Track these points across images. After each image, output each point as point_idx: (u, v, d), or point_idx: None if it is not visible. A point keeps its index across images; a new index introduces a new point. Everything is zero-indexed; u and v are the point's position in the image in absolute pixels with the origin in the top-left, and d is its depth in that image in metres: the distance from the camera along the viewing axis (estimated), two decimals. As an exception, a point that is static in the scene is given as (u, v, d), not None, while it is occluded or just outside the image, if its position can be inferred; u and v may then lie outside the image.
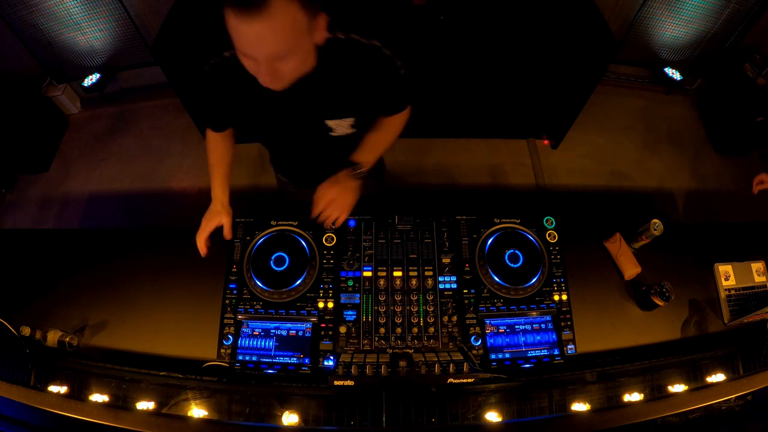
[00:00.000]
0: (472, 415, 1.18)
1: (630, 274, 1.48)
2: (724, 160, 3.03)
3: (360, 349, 1.27)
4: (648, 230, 1.46)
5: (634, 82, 3.30)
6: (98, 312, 1.41)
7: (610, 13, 2.84)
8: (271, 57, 0.88)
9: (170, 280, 1.45)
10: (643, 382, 1.29)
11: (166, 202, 2.82)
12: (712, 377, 1.30)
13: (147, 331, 1.38)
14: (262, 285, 1.33)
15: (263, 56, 0.88)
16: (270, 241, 1.40)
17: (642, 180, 2.93)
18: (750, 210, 2.84)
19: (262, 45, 0.85)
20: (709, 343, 1.40)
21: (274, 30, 0.82)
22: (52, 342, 1.29)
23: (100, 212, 2.79)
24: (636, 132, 3.15)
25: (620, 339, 1.40)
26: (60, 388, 1.22)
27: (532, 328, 1.31)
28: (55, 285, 1.47)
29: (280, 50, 0.87)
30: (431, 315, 1.31)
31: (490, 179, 2.92)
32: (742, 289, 1.50)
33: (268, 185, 2.87)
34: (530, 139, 3.07)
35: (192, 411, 1.18)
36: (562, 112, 2.78)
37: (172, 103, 3.11)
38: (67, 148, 3.08)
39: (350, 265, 1.38)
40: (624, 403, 1.22)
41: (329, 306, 1.32)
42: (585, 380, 1.28)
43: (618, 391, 1.26)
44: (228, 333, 1.28)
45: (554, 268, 1.40)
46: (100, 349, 1.36)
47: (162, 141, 3.08)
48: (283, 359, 1.25)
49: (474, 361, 1.25)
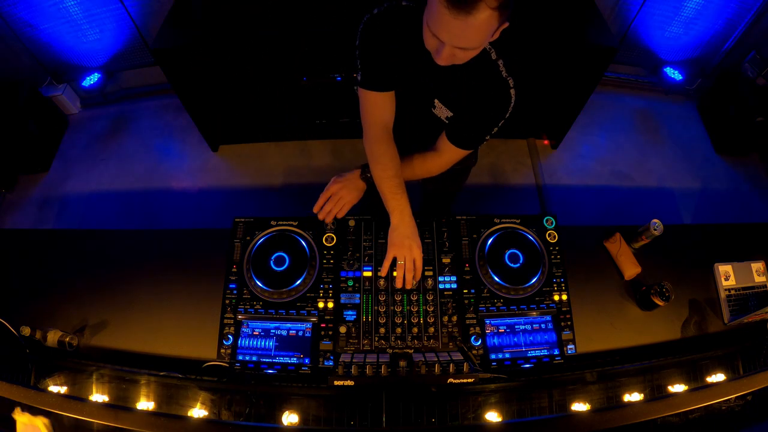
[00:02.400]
0: (472, 415, 1.18)
1: (630, 274, 1.48)
2: (724, 160, 3.03)
3: (360, 349, 1.27)
4: (648, 230, 1.46)
5: (634, 82, 3.30)
6: (98, 312, 1.41)
7: (609, 13, 2.84)
8: (458, 47, 0.96)
9: (170, 280, 1.45)
10: (643, 382, 1.29)
11: (166, 202, 2.82)
12: (712, 377, 1.30)
13: (147, 331, 1.38)
14: (262, 285, 1.32)
15: (452, 45, 0.95)
16: (270, 241, 1.40)
17: (642, 180, 2.93)
18: (750, 210, 2.85)
19: (458, 38, 0.93)
20: (709, 343, 1.40)
21: (474, 31, 0.91)
22: (52, 342, 1.29)
23: (100, 212, 2.79)
24: (636, 132, 3.15)
25: (620, 339, 1.40)
26: (60, 388, 1.23)
27: (532, 328, 1.31)
28: (55, 285, 1.47)
29: (469, 46, 0.96)
30: (431, 315, 1.31)
31: (490, 179, 2.92)
32: (742, 289, 1.50)
33: (267, 185, 2.88)
34: (530, 139, 3.06)
35: (192, 411, 1.18)
36: (562, 112, 2.77)
37: (172, 103, 3.10)
38: (67, 148, 3.07)
39: (350, 265, 1.38)
40: (624, 403, 1.22)
41: (329, 306, 1.32)
42: (585, 380, 1.28)
43: (618, 391, 1.27)
44: (228, 333, 1.28)
45: (554, 268, 1.40)
46: (100, 349, 1.36)
47: (162, 141, 3.08)
48: (283, 359, 1.25)
49: (474, 361, 1.25)
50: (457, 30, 0.90)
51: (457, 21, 0.88)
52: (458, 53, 0.98)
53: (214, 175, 2.93)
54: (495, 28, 0.94)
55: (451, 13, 0.87)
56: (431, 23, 0.94)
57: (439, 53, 0.98)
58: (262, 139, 2.99)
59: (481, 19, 0.87)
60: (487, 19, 0.88)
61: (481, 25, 0.89)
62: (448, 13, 0.87)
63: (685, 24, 2.85)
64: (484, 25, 0.89)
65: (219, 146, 3.02)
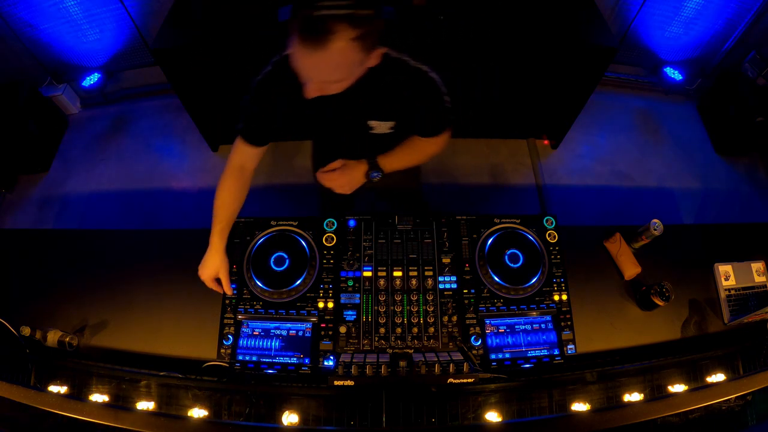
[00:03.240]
0: (472, 415, 1.18)
1: (630, 274, 1.48)
2: (724, 160, 3.03)
3: (360, 349, 1.27)
4: (648, 230, 1.46)
5: (634, 82, 3.30)
6: (98, 312, 1.41)
7: (609, 13, 2.84)
8: (322, 81, 0.97)
9: (170, 280, 1.45)
10: (643, 382, 1.29)
11: (166, 202, 2.82)
12: (712, 377, 1.30)
13: (147, 331, 1.38)
14: (262, 285, 1.33)
15: (316, 80, 0.96)
16: (270, 241, 1.40)
17: (642, 180, 2.93)
18: (750, 210, 2.85)
19: (317, 73, 0.94)
20: (709, 343, 1.40)
21: (330, 64, 0.90)
22: (52, 342, 1.29)
23: (100, 212, 2.79)
24: (636, 132, 3.15)
25: (620, 339, 1.40)
26: (60, 388, 1.23)
27: (532, 328, 1.31)
28: (55, 285, 1.47)
29: (332, 79, 0.96)
30: (431, 315, 1.31)
31: (490, 179, 2.92)
32: (742, 289, 1.50)
33: (268, 185, 2.88)
34: (530, 139, 3.06)
35: (192, 411, 1.18)
36: (562, 112, 2.77)
37: (172, 103, 3.10)
38: (67, 148, 3.07)
39: (350, 265, 1.38)
40: (624, 403, 1.22)
41: (329, 306, 1.32)
42: (585, 380, 1.28)
43: (618, 391, 1.27)
44: (228, 333, 1.28)
45: (554, 268, 1.40)
46: (100, 349, 1.36)
47: (162, 141, 3.08)
48: (283, 359, 1.25)
49: (474, 361, 1.25)
50: (314, 64, 0.90)
51: (313, 56, 0.87)
52: (326, 86, 0.97)
53: (214, 175, 2.90)
54: (360, 59, 0.92)
55: (305, 48, 0.86)
56: (292, 60, 0.93)
57: (306, 87, 0.98)
58: (262, 139, 2.98)
59: (337, 51, 0.86)
60: (343, 50, 0.87)
61: (339, 58, 0.88)
62: (303, 48, 0.86)
63: (685, 24, 2.85)
64: (342, 57, 0.88)
65: (219, 146, 3.02)
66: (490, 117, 2.83)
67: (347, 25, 0.84)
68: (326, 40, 0.84)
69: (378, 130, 1.24)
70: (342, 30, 0.84)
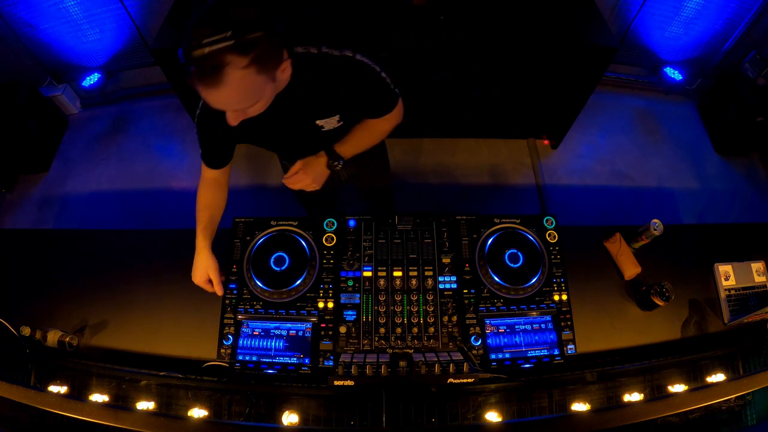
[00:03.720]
0: (472, 415, 1.18)
1: (630, 274, 1.48)
2: (724, 160, 3.03)
3: (360, 349, 1.27)
4: (648, 230, 1.46)
5: (634, 82, 3.30)
6: (98, 312, 1.41)
7: (609, 13, 2.84)
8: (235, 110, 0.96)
9: (170, 280, 1.45)
10: (643, 382, 1.29)
11: (166, 202, 2.82)
12: (712, 377, 1.30)
13: (147, 331, 1.38)
14: (262, 285, 1.33)
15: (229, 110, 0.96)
16: (270, 241, 1.40)
17: (642, 180, 2.93)
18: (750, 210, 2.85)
19: (224, 105, 0.94)
20: (709, 343, 1.40)
21: (232, 95, 0.89)
22: (52, 342, 1.29)
23: (100, 212, 2.79)
24: (636, 132, 3.15)
25: (620, 339, 1.40)
26: (60, 388, 1.23)
27: (532, 328, 1.31)
28: (55, 285, 1.47)
29: (242, 106, 0.95)
30: (431, 315, 1.31)
31: (490, 179, 2.92)
32: (742, 289, 1.50)
33: (268, 185, 2.88)
34: (530, 139, 3.06)
35: (192, 411, 1.18)
36: (562, 112, 2.77)
37: (172, 103, 3.10)
38: (67, 148, 3.08)
39: (350, 265, 1.38)
40: (624, 403, 1.23)
41: (329, 306, 1.32)
42: (585, 380, 1.28)
43: (618, 391, 1.27)
44: (228, 333, 1.28)
45: (554, 268, 1.39)
46: (100, 349, 1.36)
47: (162, 141, 3.08)
48: (283, 359, 1.25)
49: (474, 361, 1.25)
50: (218, 99, 0.89)
51: (214, 93, 0.86)
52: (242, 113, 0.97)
53: (214, 175, 2.92)
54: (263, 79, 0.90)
55: (204, 86, 0.85)
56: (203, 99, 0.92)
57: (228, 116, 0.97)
58: (262, 139, 2.98)
59: (234, 83, 0.84)
60: (241, 79, 0.85)
61: (240, 87, 0.87)
62: (202, 87, 0.85)
63: (685, 24, 2.85)
64: (242, 85, 0.87)
65: (219, 146, 3.02)
66: (490, 117, 2.83)
67: (235, 55, 0.82)
68: (219, 75, 0.82)
69: (328, 126, 1.23)
70: (232, 61, 0.82)
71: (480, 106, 2.67)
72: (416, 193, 2.83)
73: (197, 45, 0.80)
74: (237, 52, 0.82)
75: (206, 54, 0.80)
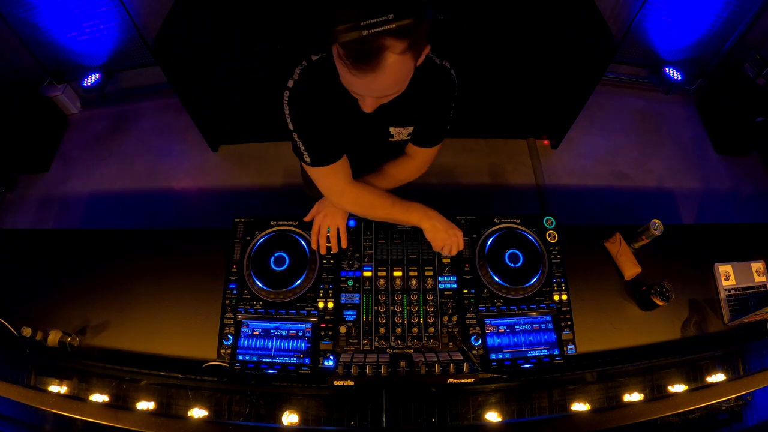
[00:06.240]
0: (472, 415, 1.18)
1: (630, 274, 1.48)
2: (724, 160, 3.03)
3: (360, 349, 1.27)
4: (648, 230, 1.46)
5: (634, 82, 3.30)
6: (99, 312, 1.41)
7: (610, 13, 2.84)
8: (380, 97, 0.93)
9: (170, 280, 1.45)
10: (643, 382, 1.29)
11: (166, 202, 2.82)
12: (712, 377, 1.30)
13: (147, 331, 1.38)
14: (262, 285, 1.33)
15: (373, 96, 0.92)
16: (270, 241, 1.40)
17: (642, 180, 2.93)
18: (750, 210, 2.85)
19: (373, 91, 0.90)
20: (709, 343, 1.40)
21: (385, 81, 0.86)
22: (52, 342, 1.29)
23: (100, 212, 2.79)
24: (636, 132, 3.15)
25: (620, 339, 1.40)
26: (60, 388, 1.22)
27: (532, 328, 1.31)
28: (56, 285, 1.47)
29: (392, 92, 0.92)
30: (431, 315, 1.31)
31: (490, 179, 2.92)
32: (742, 289, 1.50)
33: (267, 185, 2.88)
34: (530, 139, 3.07)
35: (192, 411, 1.18)
36: (562, 112, 2.78)
37: (172, 103, 3.10)
38: (67, 148, 3.07)
39: (350, 265, 1.38)
40: (624, 403, 1.22)
41: (329, 306, 1.32)
42: (585, 380, 1.28)
43: (618, 391, 1.27)
44: (228, 333, 1.28)
45: (554, 268, 1.40)
46: (100, 349, 1.36)
47: (162, 141, 3.08)
48: (283, 359, 1.25)
49: (474, 361, 1.25)
50: (368, 84, 0.86)
51: (366, 78, 0.83)
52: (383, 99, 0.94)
53: (214, 175, 2.93)
54: (411, 66, 0.88)
55: (357, 71, 0.82)
56: (344, 82, 0.89)
57: (364, 103, 0.95)
58: (262, 139, 2.99)
59: (390, 68, 0.82)
60: (396, 64, 0.83)
61: (395, 73, 0.85)
62: (354, 71, 0.82)
63: (685, 24, 2.85)
64: (397, 71, 0.85)
65: (219, 146, 3.02)
66: (490, 117, 2.84)
67: (394, 39, 0.78)
68: (378, 60, 0.80)
69: (397, 137, 1.20)
70: (391, 46, 0.79)
71: (480, 106, 2.67)
72: (416, 192, 2.82)
73: (355, 26, 0.75)
74: (397, 37, 0.78)
75: (365, 37, 0.76)
